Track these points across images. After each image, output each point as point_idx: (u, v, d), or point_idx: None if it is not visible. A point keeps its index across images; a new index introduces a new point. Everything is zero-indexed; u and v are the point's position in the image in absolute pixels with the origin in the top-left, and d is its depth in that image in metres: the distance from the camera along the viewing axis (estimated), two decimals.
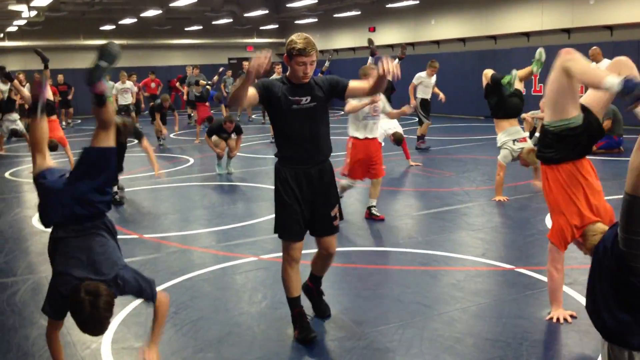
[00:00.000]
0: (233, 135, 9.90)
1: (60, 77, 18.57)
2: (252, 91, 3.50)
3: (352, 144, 6.53)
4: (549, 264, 3.92)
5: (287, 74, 3.62)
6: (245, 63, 17.53)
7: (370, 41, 9.18)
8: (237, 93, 3.40)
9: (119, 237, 4.81)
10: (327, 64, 11.79)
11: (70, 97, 18.53)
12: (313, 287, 4.09)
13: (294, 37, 3.52)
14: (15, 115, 13.30)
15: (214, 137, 9.84)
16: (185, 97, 16.80)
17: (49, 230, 3.15)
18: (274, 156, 3.74)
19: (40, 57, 9.07)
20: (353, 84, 3.69)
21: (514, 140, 7.29)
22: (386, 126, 9.67)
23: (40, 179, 3.18)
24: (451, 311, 4.15)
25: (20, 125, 13.78)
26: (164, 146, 13.43)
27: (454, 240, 5.86)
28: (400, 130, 9.65)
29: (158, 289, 4.71)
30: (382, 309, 4.23)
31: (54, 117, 10.07)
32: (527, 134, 7.67)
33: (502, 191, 7.34)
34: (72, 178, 3.13)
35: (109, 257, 3.10)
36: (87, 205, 3.07)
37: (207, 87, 15.40)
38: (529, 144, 7.33)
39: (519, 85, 7.62)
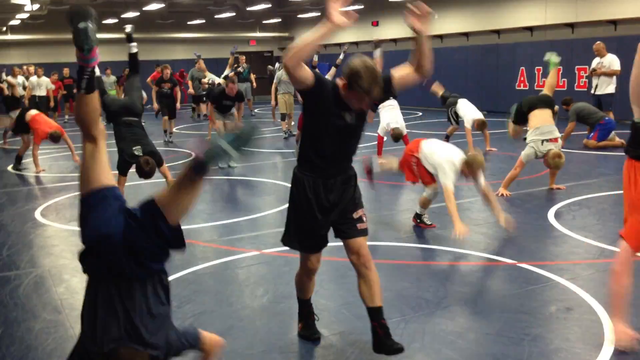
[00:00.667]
0: (234, 112, 9.89)
1: (66, 71, 18.52)
2: (308, 69, 3.07)
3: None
4: (617, 264, 3.49)
5: (338, 83, 3.20)
6: (242, 57, 17.43)
7: (376, 41, 9.35)
8: (314, 38, 2.92)
9: None
10: (341, 56, 11.71)
11: (75, 90, 18.41)
12: (376, 325, 3.41)
13: (360, 68, 3.05)
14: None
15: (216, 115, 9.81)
16: (191, 90, 16.58)
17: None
18: (295, 160, 3.47)
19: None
20: (396, 73, 3.29)
21: (543, 140, 7.08)
22: (388, 119, 9.65)
23: (100, 202, 2.39)
24: (453, 306, 4.15)
25: None
26: (173, 144, 13.16)
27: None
28: (401, 126, 9.59)
29: None
30: (384, 303, 4.22)
31: (35, 111, 10.21)
32: (559, 134, 7.26)
33: (508, 187, 7.32)
34: (134, 225, 2.34)
35: (159, 322, 2.44)
36: (141, 265, 2.36)
37: (215, 81, 15.15)
38: (558, 146, 7.11)
39: (548, 91, 7.54)
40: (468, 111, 10.14)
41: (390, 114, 9.62)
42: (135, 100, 7.16)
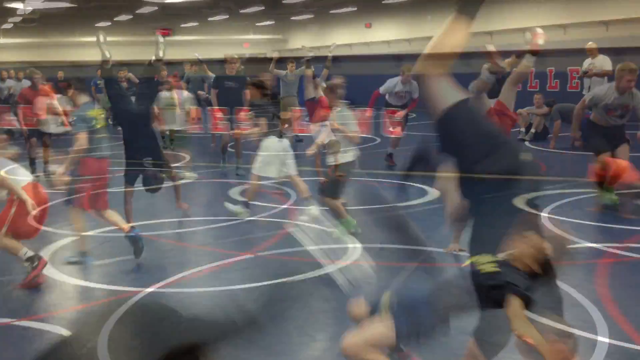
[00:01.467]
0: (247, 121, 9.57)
1: (60, 74, 18.47)
2: None
3: None
4: None
5: None
6: (235, 57, 17.16)
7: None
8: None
9: (116, 235, 4.75)
10: (329, 61, 11.55)
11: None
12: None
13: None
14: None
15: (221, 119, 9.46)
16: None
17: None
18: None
19: None
20: None
21: None
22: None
23: None
24: None
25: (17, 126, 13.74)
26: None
27: (451, 237, 5.84)
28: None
29: (155, 287, 4.72)
30: None
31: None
32: None
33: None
34: None
35: None
36: None
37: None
38: None
39: None
40: None
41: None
42: (153, 109, 7.03)
